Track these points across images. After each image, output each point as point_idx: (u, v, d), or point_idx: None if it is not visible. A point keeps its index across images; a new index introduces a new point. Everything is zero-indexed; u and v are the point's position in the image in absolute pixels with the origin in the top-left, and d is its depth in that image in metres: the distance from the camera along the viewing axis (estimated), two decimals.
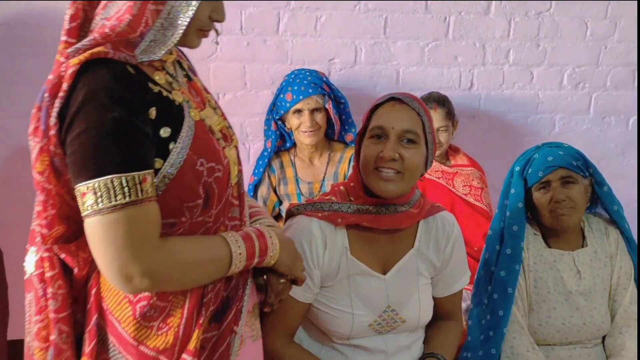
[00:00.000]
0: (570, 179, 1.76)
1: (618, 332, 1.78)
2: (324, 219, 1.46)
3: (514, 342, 1.72)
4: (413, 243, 1.53)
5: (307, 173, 2.40)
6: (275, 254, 1.22)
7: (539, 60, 2.80)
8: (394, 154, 1.40)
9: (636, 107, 2.95)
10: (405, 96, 1.46)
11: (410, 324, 1.54)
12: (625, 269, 1.81)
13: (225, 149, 1.18)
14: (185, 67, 1.24)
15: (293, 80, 2.31)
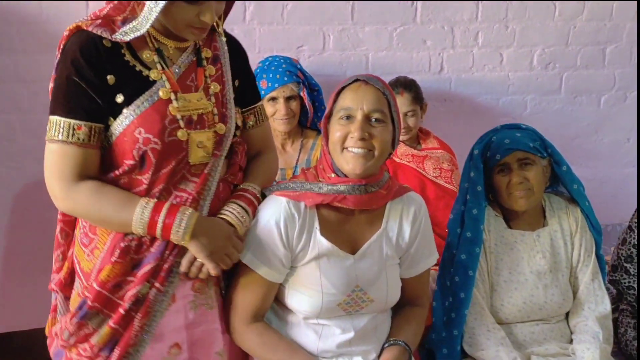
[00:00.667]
0: (527, 160, 1.78)
1: (581, 308, 1.82)
2: (294, 199, 1.49)
3: (474, 323, 1.75)
4: (381, 224, 1.57)
5: (280, 159, 2.38)
6: (182, 237, 1.36)
7: (508, 42, 2.81)
8: (364, 133, 1.44)
9: (608, 85, 2.98)
10: (369, 77, 1.51)
11: (378, 303, 1.57)
12: (586, 246, 1.84)
13: (190, 131, 1.39)
14: (203, 55, 1.46)
15: (267, 68, 2.31)
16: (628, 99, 3.02)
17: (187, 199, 1.41)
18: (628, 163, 3.12)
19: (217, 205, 1.48)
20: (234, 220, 1.45)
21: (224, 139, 1.46)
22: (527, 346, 1.77)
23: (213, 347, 1.49)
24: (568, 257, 1.84)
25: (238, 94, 1.54)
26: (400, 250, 1.60)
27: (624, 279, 2.01)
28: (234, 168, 1.54)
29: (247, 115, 1.59)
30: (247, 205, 1.48)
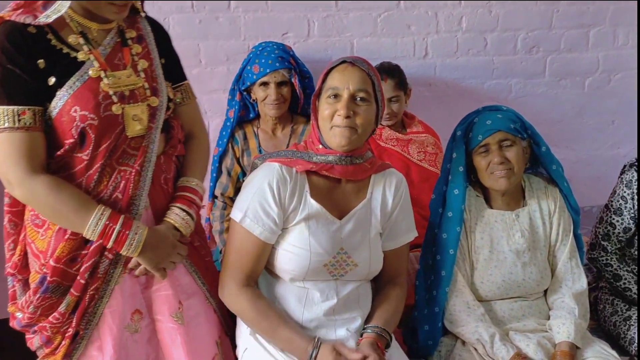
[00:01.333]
0: (508, 141, 1.81)
1: (558, 286, 1.86)
2: (286, 164, 1.60)
3: (455, 300, 1.80)
4: (366, 194, 1.67)
5: (270, 144, 2.43)
6: (133, 251, 1.48)
7: (492, 26, 2.84)
8: (349, 111, 1.55)
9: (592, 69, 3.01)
10: (356, 59, 1.62)
11: (361, 269, 1.65)
12: (564, 226, 1.88)
13: (124, 105, 1.48)
14: (127, 36, 1.54)
15: (260, 53, 2.34)
16: (612, 82, 3.06)
17: (131, 173, 1.51)
18: (612, 145, 3.16)
19: (160, 177, 1.59)
20: (180, 225, 1.57)
21: (158, 111, 1.55)
22: (506, 322, 1.82)
23: (170, 309, 1.60)
24: (546, 236, 1.88)
25: (166, 72, 1.63)
26: (383, 219, 1.69)
27: (601, 256, 2.06)
28: (173, 141, 1.64)
29: (175, 92, 1.68)
30: (189, 208, 1.60)
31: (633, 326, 1.95)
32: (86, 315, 1.51)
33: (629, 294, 2.00)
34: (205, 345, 1.66)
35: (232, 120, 2.44)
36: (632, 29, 2.97)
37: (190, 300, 1.64)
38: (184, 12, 2.53)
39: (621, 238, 2.03)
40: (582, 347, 1.74)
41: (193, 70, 2.61)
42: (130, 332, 1.57)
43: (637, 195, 1.97)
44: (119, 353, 1.53)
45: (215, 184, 2.48)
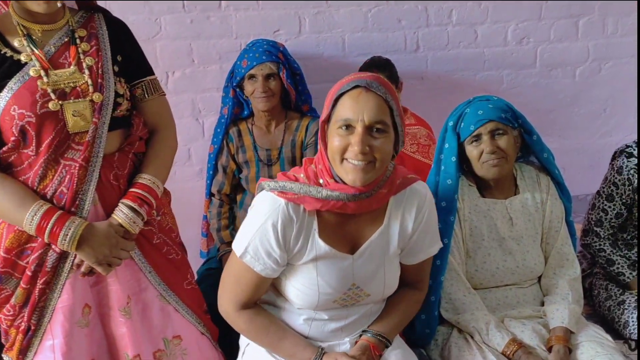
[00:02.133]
0: (499, 131, 1.82)
1: (552, 272, 1.89)
2: (293, 201, 1.46)
3: (451, 288, 1.82)
4: (383, 220, 1.54)
5: (264, 140, 2.45)
6: (68, 247, 1.52)
7: (482, 18, 2.85)
8: (364, 147, 1.37)
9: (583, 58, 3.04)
10: (370, 82, 1.41)
11: (374, 297, 1.60)
12: (557, 213, 1.90)
13: (63, 102, 1.52)
14: (77, 35, 1.60)
15: (250, 49, 2.39)
16: (602, 70, 3.07)
17: (75, 167, 1.56)
18: (605, 133, 3.18)
19: (109, 174, 1.62)
20: (124, 222, 1.59)
21: (103, 106, 1.58)
22: (502, 310, 1.84)
23: (118, 304, 1.64)
24: (539, 223, 1.90)
25: (123, 68, 1.66)
26: (402, 242, 1.58)
27: (594, 242, 2.08)
28: (131, 138, 1.68)
29: (135, 88, 1.71)
30: (138, 205, 1.61)
31: (627, 310, 1.98)
32: (37, 310, 1.56)
33: (622, 278, 2.03)
34: (151, 340, 1.68)
35: (226, 118, 2.47)
36: (621, 18, 2.99)
37: (140, 295, 1.67)
38: (176, 12, 2.55)
39: (613, 224, 2.06)
40: (576, 331, 1.76)
41: (186, 69, 2.64)
42: (81, 326, 1.61)
43: (637, 180, 1.98)
44: (71, 349, 1.58)
45: (212, 181, 2.50)
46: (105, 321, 1.66)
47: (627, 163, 1.99)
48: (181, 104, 2.67)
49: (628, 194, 2.00)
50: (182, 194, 2.62)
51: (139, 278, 1.68)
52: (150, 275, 1.69)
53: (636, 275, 2.01)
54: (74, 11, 1.65)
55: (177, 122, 2.62)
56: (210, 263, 2.46)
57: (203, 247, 2.63)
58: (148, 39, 2.55)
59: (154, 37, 2.56)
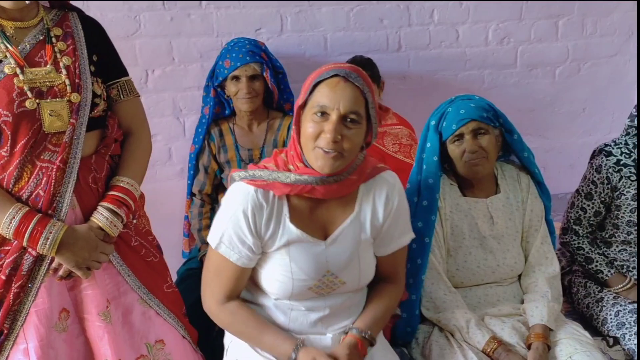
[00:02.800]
0: (481, 130, 1.83)
1: (532, 270, 1.90)
2: (262, 187, 1.49)
3: (432, 287, 1.82)
4: (354, 207, 1.56)
5: (246, 140, 2.44)
6: (49, 249, 1.48)
7: (463, 18, 2.87)
8: (336, 135, 1.41)
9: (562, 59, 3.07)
10: (349, 72, 1.45)
11: (350, 285, 1.59)
12: (536, 212, 1.92)
13: (41, 101, 1.49)
14: (52, 34, 1.56)
15: (232, 48, 2.36)
16: (582, 70, 3.11)
17: (52, 169, 1.52)
18: (584, 133, 3.22)
19: (88, 176, 1.59)
20: (104, 224, 1.57)
21: (81, 107, 1.55)
22: (482, 308, 1.85)
23: (97, 308, 1.60)
24: (519, 222, 1.91)
25: (98, 68, 1.63)
26: (375, 231, 1.59)
27: (573, 240, 2.10)
28: (107, 140, 1.65)
29: (110, 89, 1.68)
30: (118, 208, 1.59)
31: (605, 307, 2.00)
32: (11, 314, 1.52)
33: (600, 276, 2.05)
34: (133, 345, 1.65)
35: (207, 117, 2.45)
36: (600, 18, 3.03)
37: (120, 299, 1.64)
38: (155, 10, 2.52)
39: (592, 222, 2.08)
40: (555, 329, 1.78)
41: (166, 68, 2.61)
42: (58, 331, 1.58)
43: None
44: (47, 353, 1.54)
45: (193, 181, 2.48)
46: (85, 326, 1.62)
47: (605, 162, 2.01)
48: (161, 102, 2.65)
49: (607, 193, 2.02)
50: (163, 194, 2.61)
51: (118, 282, 1.65)
52: (129, 279, 1.66)
53: (614, 272, 2.03)
54: (47, 9, 1.61)
55: (157, 120, 2.64)
56: (191, 263, 2.44)
57: (185, 247, 2.61)
58: (127, 37, 2.52)
59: (133, 34, 2.53)
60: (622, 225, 2.03)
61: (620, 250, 2.07)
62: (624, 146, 2.02)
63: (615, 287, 2.03)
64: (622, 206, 2.01)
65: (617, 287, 2.02)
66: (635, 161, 1.98)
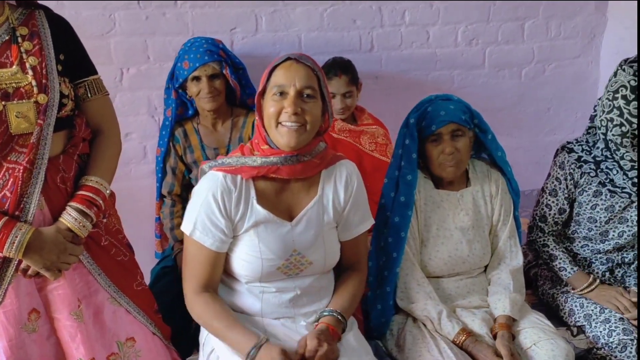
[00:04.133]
0: (459, 132, 1.89)
1: (497, 263, 1.98)
2: (230, 172, 1.59)
3: (406, 278, 1.88)
4: (317, 191, 1.67)
5: (211, 139, 2.44)
6: (15, 252, 1.48)
7: (433, 20, 2.94)
8: (297, 108, 1.54)
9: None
10: (300, 56, 1.61)
11: (317, 265, 1.68)
12: (506, 207, 1.99)
13: (6, 103, 1.48)
14: (18, 33, 1.54)
15: (189, 49, 2.34)
16: (547, 71, 3.22)
17: (19, 170, 1.51)
18: (549, 132, 3.33)
19: (56, 176, 1.58)
20: (73, 226, 1.56)
21: (48, 108, 1.54)
22: (453, 299, 1.92)
23: (69, 308, 1.61)
24: (488, 215, 1.99)
25: (66, 67, 1.61)
26: (337, 214, 1.70)
27: (539, 237, 2.17)
28: (75, 140, 1.64)
29: (77, 87, 1.67)
30: (87, 208, 1.58)
31: (570, 298, 2.08)
32: None
33: (563, 274, 2.09)
34: (104, 344, 1.66)
35: (170, 119, 2.44)
36: (564, 21, 3.13)
37: (91, 299, 1.65)
38: (130, 9, 2.53)
39: (557, 219, 2.14)
40: (519, 319, 1.86)
41: (141, 66, 2.62)
42: (28, 332, 1.57)
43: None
44: (16, 354, 1.54)
45: (162, 184, 2.48)
46: (56, 326, 1.62)
47: (568, 158, 2.08)
48: (136, 101, 2.65)
49: (570, 189, 2.10)
50: (138, 192, 2.62)
51: (88, 281, 1.65)
52: (99, 278, 1.66)
53: (577, 270, 2.09)
54: (13, 7, 1.58)
55: (132, 119, 2.65)
56: (165, 262, 2.43)
57: (157, 248, 2.60)
58: (102, 35, 2.52)
59: (108, 33, 2.53)
60: (584, 221, 2.10)
61: (582, 245, 2.14)
62: (585, 144, 2.09)
63: (579, 288, 2.07)
64: (583, 203, 2.08)
65: (580, 288, 2.07)
66: (595, 158, 2.06)
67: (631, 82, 1.90)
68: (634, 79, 1.89)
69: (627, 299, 2.00)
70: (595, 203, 2.06)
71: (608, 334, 1.90)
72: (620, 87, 1.93)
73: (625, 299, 1.99)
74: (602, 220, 2.07)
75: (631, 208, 2.04)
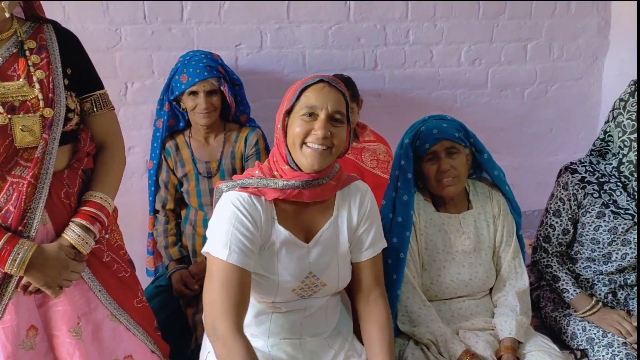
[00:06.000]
0: (454, 149, 1.90)
1: (502, 285, 1.97)
2: (254, 194, 1.58)
3: (407, 301, 1.87)
4: (332, 212, 1.67)
5: (203, 153, 2.42)
6: (17, 269, 1.46)
7: (437, 39, 2.96)
8: (327, 132, 1.53)
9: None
10: (332, 79, 1.60)
11: (330, 287, 1.67)
12: (508, 228, 1.99)
13: (12, 116, 1.47)
14: (26, 46, 1.54)
15: (188, 62, 2.33)
16: (549, 92, 3.23)
17: (23, 185, 1.49)
18: (551, 152, 3.34)
19: (60, 191, 1.57)
20: (76, 242, 1.55)
21: (54, 122, 1.53)
22: (456, 321, 1.91)
23: (68, 325, 1.59)
24: (491, 237, 1.98)
25: (73, 82, 1.61)
26: (350, 235, 1.69)
27: (543, 258, 2.17)
28: (80, 154, 1.63)
29: (84, 102, 1.66)
30: (90, 224, 1.57)
31: (572, 321, 2.07)
32: None
33: (566, 295, 2.10)
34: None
35: (161, 131, 2.43)
36: (566, 43, 3.16)
37: (90, 315, 1.63)
38: (137, 24, 2.54)
39: (561, 240, 2.14)
40: (524, 341, 1.84)
41: (146, 81, 2.63)
42: (25, 349, 1.55)
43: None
44: None
45: (155, 198, 2.47)
46: (54, 344, 1.59)
47: (571, 179, 2.09)
48: (140, 115, 2.66)
49: (573, 209, 2.10)
50: (141, 206, 2.61)
51: (89, 298, 1.63)
52: (100, 294, 1.64)
53: (579, 292, 2.08)
54: (22, 21, 1.59)
55: (135, 133, 2.65)
56: (159, 281, 2.42)
57: (150, 265, 2.57)
58: (107, 49, 2.53)
59: (114, 47, 2.54)
60: (587, 242, 2.11)
61: (585, 267, 2.14)
62: (588, 164, 2.10)
63: (581, 311, 2.06)
64: (587, 224, 2.09)
65: (583, 311, 2.06)
66: (599, 179, 2.07)
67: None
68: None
69: (629, 322, 1.99)
70: (599, 224, 2.06)
71: (611, 358, 1.88)
72: (631, 106, 1.97)
73: (627, 323, 1.98)
74: (605, 242, 2.07)
75: (634, 230, 2.04)
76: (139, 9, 2.51)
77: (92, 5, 2.48)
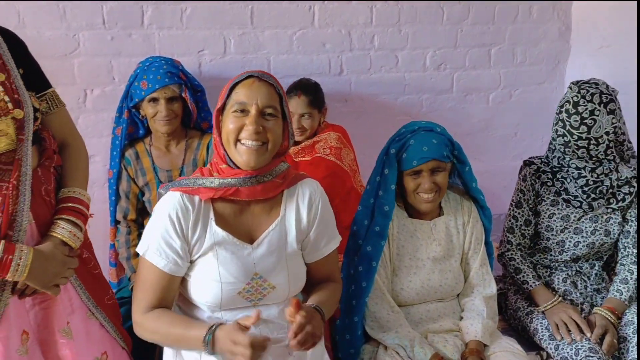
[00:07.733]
0: (439, 168, 1.87)
1: (470, 290, 1.97)
2: (188, 193, 1.54)
3: (376, 307, 1.86)
4: (279, 212, 1.61)
5: (164, 161, 2.38)
6: (19, 276, 1.44)
7: (402, 45, 2.97)
8: (258, 127, 1.50)
9: None
10: (262, 74, 1.56)
11: (280, 290, 1.59)
12: (477, 235, 1.99)
13: None
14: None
15: (148, 68, 2.27)
16: (513, 97, 3.27)
17: (8, 188, 1.48)
18: (516, 156, 3.37)
19: (41, 188, 1.57)
20: (68, 239, 1.55)
21: (25, 123, 1.52)
22: (424, 324, 1.90)
23: (58, 325, 1.59)
24: (460, 244, 1.98)
25: (27, 82, 1.59)
26: (301, 235, 1.63)
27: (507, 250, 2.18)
28: (48, 152, 1.63)
29: (40, 101, 1.65)
30: (76, 218, 1.58)
31: (535, 318, 2.08)
32: None
33: (526, 287, 2.13)
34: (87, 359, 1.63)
35: (120, 139, 2.37)
36: (528, 48, 3.20)
37: (74, 314, 1.63)
38: (95, 29, 2.47)
39: (524, 231, 2.18)
40: (489, 344, 1.85)
41: (106, 87, 2.56)
42: (20, 355, 1.52)
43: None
44: None
45: (115, 208, 2.40)
46: (45, 346, 1.58)
47: (529, 170, 2.17)
48: (100, 122, 2.59)
49: (532, 199, 2.16)
50: (101, 217, 2.53)
51: (71, 297, 1.62)
52: (81, 292, 1.64)
53: (539, 284, 2.11)
54: None
55: (96, 141, 2.59)
56: (122, 292, 2.34)
57: (112, 277, 2.48)
58: (65, 55, 2.46)
59: (72, 53, 2.47)
60: (542, 231, 2.17)
61: (543, 257, 2.20)
62: (544, 158, 2.20)
63: (542, 305, 2.08)
64: (542, 212, 2.15)
65: (544, 305, 2.08)
66: (553, 169, 2.14)
67: (574, 98, 2.00)
68: (577, 95, 2.00)
69: (582, 320, 1.97)
70: (553, 212, 2.13)
71: (575, 353, 1.89)
72: (565, 103, 2.04)
73: (577, 318, 1.97)
74: (558, 229, 2.13)
75: (586, 219, 2.11)
76: (98, 14, 2.45)
77: (49, 11, 2.41)
